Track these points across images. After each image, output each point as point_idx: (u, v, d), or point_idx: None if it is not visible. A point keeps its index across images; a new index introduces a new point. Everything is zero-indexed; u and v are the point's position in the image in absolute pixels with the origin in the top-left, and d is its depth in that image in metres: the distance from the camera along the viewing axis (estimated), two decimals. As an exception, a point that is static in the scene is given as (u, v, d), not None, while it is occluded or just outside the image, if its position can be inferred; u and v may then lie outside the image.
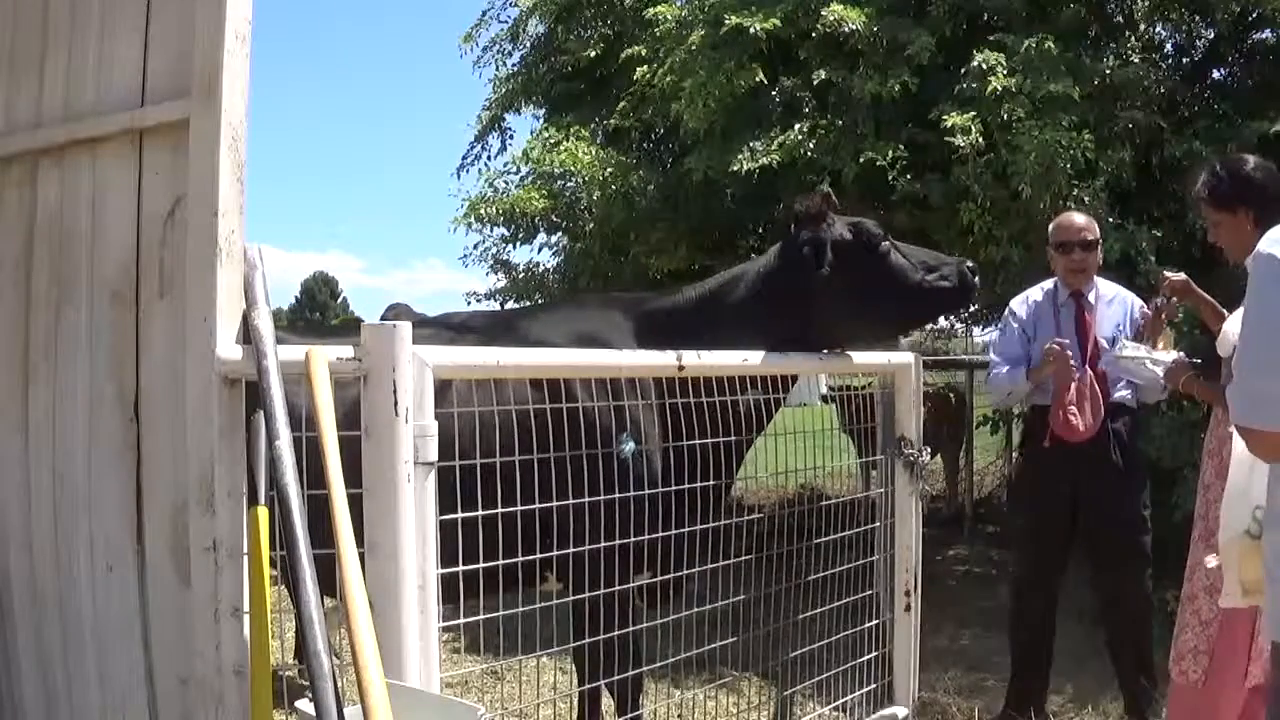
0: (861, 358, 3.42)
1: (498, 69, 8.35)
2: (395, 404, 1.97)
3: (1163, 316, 3.51)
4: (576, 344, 2.93)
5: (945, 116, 5.33)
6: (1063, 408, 3.68)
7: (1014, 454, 9.21)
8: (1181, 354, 3.34)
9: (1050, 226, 4.01)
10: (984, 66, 5.33)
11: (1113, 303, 3.87)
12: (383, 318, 3.73)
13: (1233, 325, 2.24)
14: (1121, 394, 3.74)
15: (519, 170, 7.53)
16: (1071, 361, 3.68)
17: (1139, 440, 3.92)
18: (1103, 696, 4.01)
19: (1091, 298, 3.85)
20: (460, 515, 2.20)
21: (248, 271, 2.15)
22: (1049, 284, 3.97)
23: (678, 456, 2.77)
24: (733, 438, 2.81)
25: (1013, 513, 4.53)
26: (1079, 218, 3.96)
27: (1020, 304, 4.02)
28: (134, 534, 2.31)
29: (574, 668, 3.06)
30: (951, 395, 9.29)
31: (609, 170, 6.64)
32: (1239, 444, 2.15)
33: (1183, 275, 3.49)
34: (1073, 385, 3.66)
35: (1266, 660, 2.33)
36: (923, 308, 3.36)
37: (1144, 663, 3.75)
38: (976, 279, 3.24)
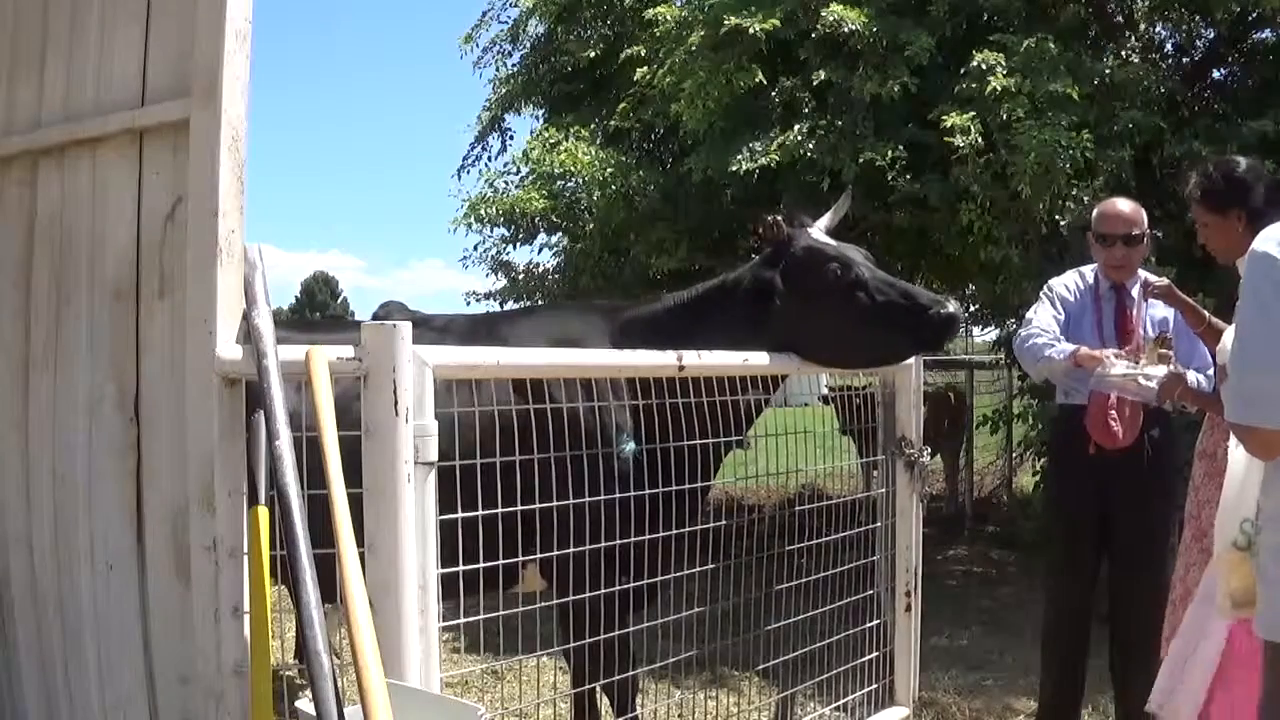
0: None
1: (498, 69, 8.38)
2: (395, 404, 1.97)
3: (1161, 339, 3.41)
4: (556, 347, 2.92)
5: (945, 116, 5.34)
6: (1104, 412, 3.46)
7: (1013, 453, 9.24)
8: (1171, 367, 3.31)
9: (1094, 213, 3.71)
10: (984, 66, 5.34)
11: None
12: (375, 316, 3.72)
13: (1231, 334, 2.24)
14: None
15: (519, 171, 7.56)
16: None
17: (1175, 449, 3.64)
18: (1103, 696, 4.00)
19: (1135, 292, 3.58)
20: (460, 517, 2.20)
21: (248, 271, 2.15)
22: (1089, 272, 3.68)
23: (654, 458, 2.75)
24: (709, 440, 2.76)
25: (1046, 521, 4.25)
26: (1125, 206, 3.61)
27: (1062, 285, 3.67)
28: (134, 534, 2.31)
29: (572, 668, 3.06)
30: (951, 395, 9.30)
31: (609, 171, 6.64)
32: (1235, 458, 2.15)
33: (1165, 280, 3.47)
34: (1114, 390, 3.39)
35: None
36: (880, 348, 3.06)
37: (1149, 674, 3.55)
38: (954, 323, 3.01)
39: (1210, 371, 3.32)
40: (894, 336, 3.01)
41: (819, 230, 3.15)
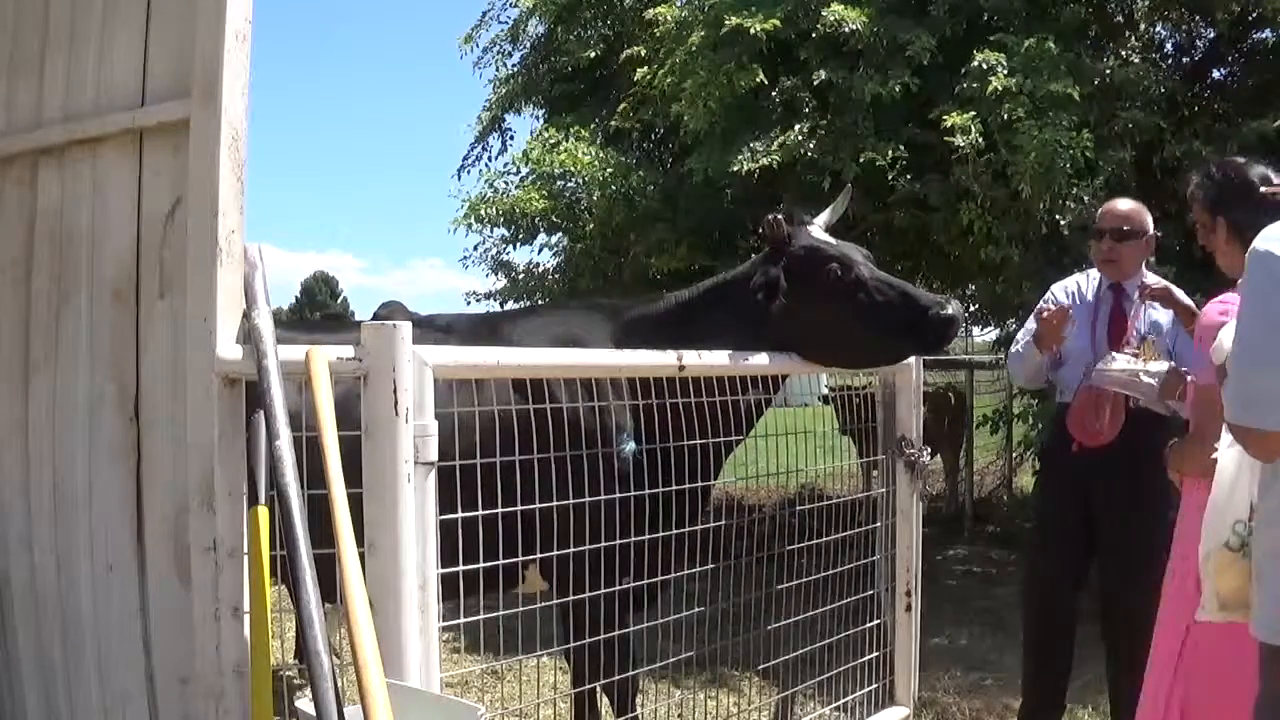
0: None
1: (498, 70, 8.38)
2: (395, 404, 1.97)
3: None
4: (558, 347, 2.92)
5: (945, 116, 5.34)
6: (1084, 410, 3.47)
7: (1013, 453, 9.24)
8: (1174, 363, 3.29)
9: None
10: (984, 66, 5.34)
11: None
12: (376, 316, 3.73)
13: (1227, 334, 2.22)
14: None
15: (519, 171, 7.55)
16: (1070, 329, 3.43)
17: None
18: (1102, 696, 3.99)
19: (1134, 292, 3.56)
20: (461, 517, 2.20)
21: (248, 271, 2.15)
22: (1095, 272, 3.73)
23: (656, 458, 2.75)
24: (709, 440, 2.75)
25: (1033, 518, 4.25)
26: (1123, 205, 3.69)
27: (1061, 289, 3.75)
28: (134, 534, 2.31)
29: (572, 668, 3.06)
30: (951, 395, 9.30)
31: (609, 171, 6.65)
32: (1224, 458, 2.12)
33: (1163, 281, 3.46)
34: (1096, 390, 3.42)
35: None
36: (879, 348, 3.06)
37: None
38: (954, 324, 2.98)
39: None
40: (893, 337, 3.00)
41: (819, 228, 3.13)
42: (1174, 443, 2.80)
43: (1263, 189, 2.45)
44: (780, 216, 3.04)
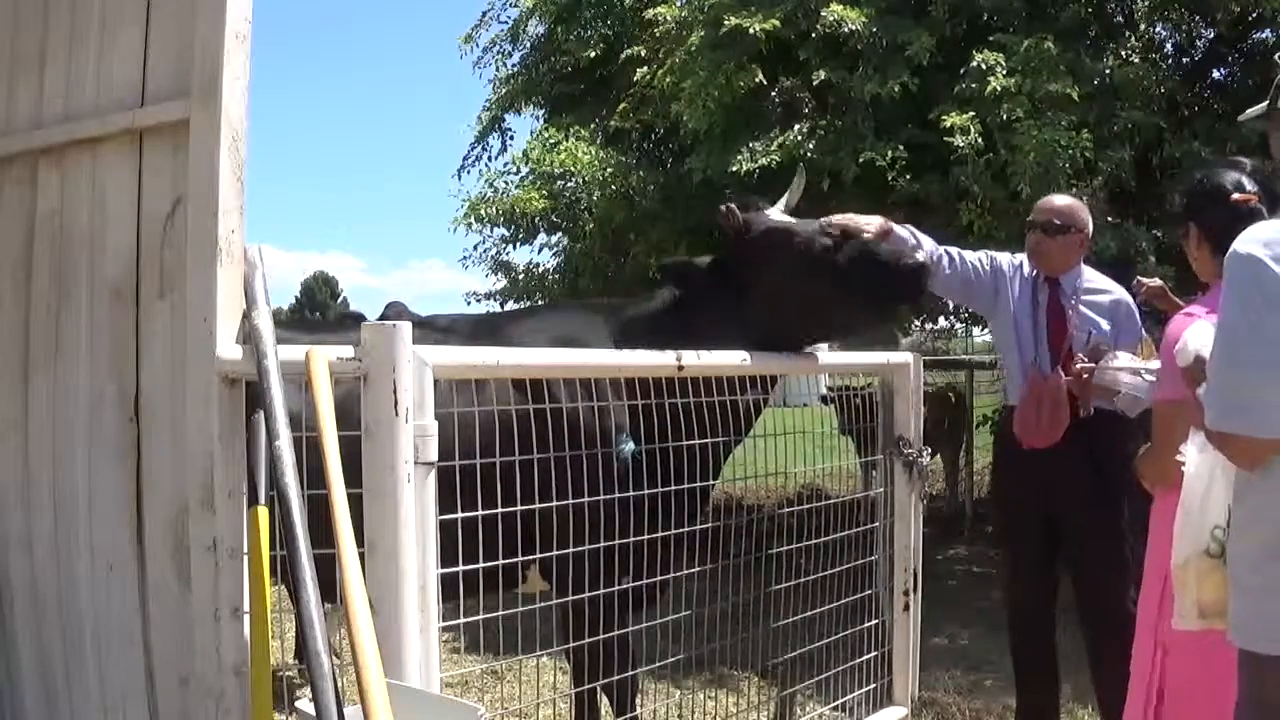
0: (861, 357, 3.41)
1: (498, 70, 8.38)
2: (395, 404, 1.97)
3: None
4: (559, 347, 2.92)
5: (945, 116, 5.34)
6: (1028, 410, 3.46)
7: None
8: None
9: None
10: (984, 66, 5.34)
11: (1097, 298, 3.56)
12: (381, 317, 3.73)
13: (1193, 335, 2.18)
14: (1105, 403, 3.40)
15: (519, 171, 7.56)
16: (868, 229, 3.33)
17: (1125, 448, 3.45)
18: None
19: (1071, 289, 3.55)
20: (461, 517, 2.20)
21: (248, 271, 2.15)
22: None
23: (655, 458, 2.75)
24: (708, 440, 2.75)
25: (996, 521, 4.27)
26: (1058, 200, 3.69)
27: (1008, 261, 3.71)
28: (134, 534, 2.31)
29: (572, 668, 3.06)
30: (951, 395, 9.30)
31: (609, 170, 6.65)
32: (1194, 463, 2.09)
33: (1159, 281, 3.47)
34: (1036, 386, 3.44)
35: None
36: (860, 311, 3.11)
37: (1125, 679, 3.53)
38: (925, 271, 3.01)
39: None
40: (871, 297, 3.01)
41: (778, 212, 3.14)
42: (1144, 450, 2.78)
43: (1235, 195, 2.42)
44: (734, 205, 3.05)
